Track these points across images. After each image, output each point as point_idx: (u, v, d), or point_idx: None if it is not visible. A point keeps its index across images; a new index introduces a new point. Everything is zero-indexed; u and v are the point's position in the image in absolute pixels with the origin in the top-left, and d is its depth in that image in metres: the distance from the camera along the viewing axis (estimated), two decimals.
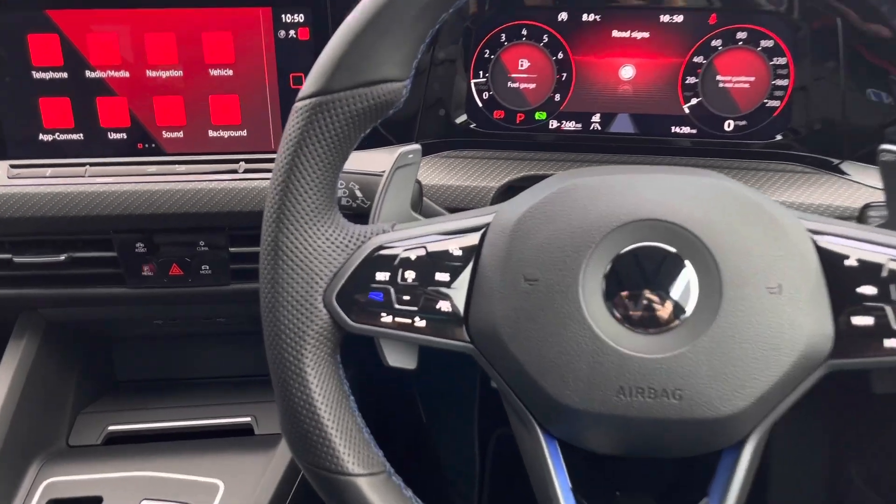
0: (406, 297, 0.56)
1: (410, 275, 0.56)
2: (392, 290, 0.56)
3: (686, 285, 0.51)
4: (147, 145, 0.90)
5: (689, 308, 0.50)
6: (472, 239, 0.56)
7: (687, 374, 0.49)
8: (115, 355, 1.14)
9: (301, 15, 0.86)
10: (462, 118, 0.94)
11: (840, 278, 0.51)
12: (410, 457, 1.16)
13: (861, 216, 0.74)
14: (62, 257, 0.90)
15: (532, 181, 0.91)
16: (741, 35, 0.87)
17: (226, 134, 0.89)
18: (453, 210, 0.85)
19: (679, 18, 0.88)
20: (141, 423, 1.02)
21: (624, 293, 0.51)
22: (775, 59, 0.87)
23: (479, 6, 0.91)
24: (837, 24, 0.83)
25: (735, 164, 0.89)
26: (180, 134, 0.89)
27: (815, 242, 0.52)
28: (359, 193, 0.71)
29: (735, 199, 0.53)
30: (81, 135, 0.89)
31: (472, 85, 0.93)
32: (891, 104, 0.87)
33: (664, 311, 0.50)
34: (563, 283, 0.51)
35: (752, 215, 0.52)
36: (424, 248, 0.57)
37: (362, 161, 0.87)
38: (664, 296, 0.51)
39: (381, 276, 0.57)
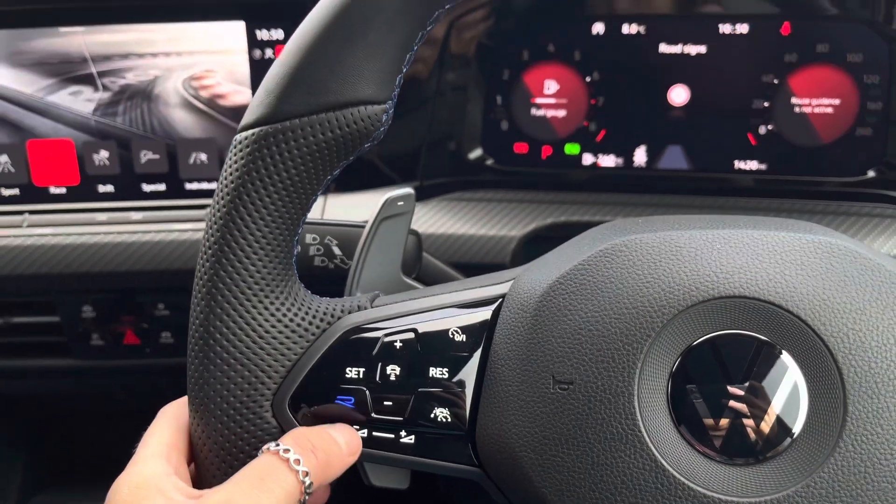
0: (388, 403, 0.44)
1: (394, 370, 0.44)
2: (368, 393, 0.44)
3: (791, 393, 0.39)
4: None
5: (797, 427, 0.39)
6: (481, 318, 0.44)
7: None
8: (71, 433, 1.04)
9: (279, 30, 0.73)
10: (476, 153, 0.83)
11: None
12: None
13: None
14: None
15: (564, 230, 0.79)
16: (822, 48, 0.75)
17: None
18: (463, 268, 0.71)
19: (744, 28, 0.76)
20: None
21: (699, 403, 0.39)
22: (865, 76, 0.74)
23: (495, 17, 0.79)
24: None
25: (814, 206, 0.76)
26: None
27: None
28: (337, 251, 0.56)
29: (856, 267, 0.41)
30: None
31: (489, 113, 0.81)
32: None
33: (760, 430, 0.39)
34: (609, 388, 0.40)
35: (882, 290, 0.40)
36: (414, 330, 0.44)
37: (349, 209, 0.74)
38: (759, 408, 0.39)
39: (354, 372, 0.44)
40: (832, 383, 0.38)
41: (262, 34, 0.74)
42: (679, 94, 0.78)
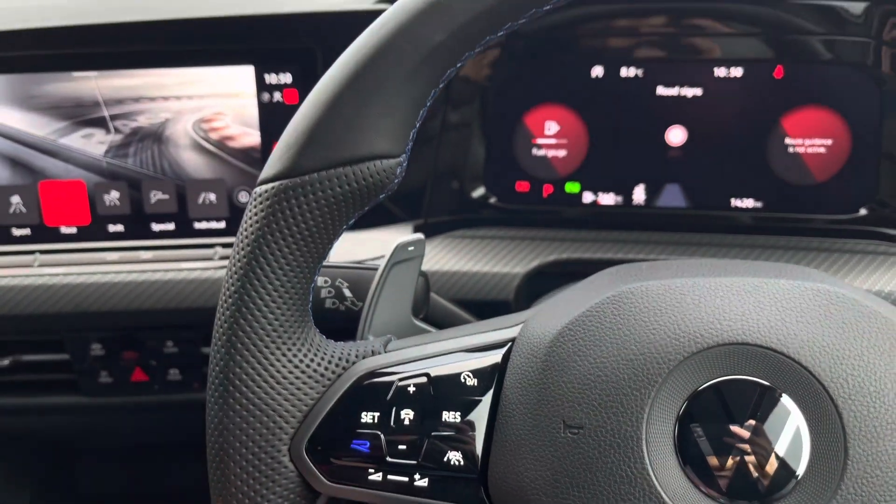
0: (402, 447, 0.44)
1: (408, 414, 0.44)
2: (383, 437, 0.44)
3: (794, 436, 0.39)
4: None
5: (801, 469, 0.39)
6: (491, 361, 0.45)
7: None
8: (77, 469, 1.02)
9: (287, 74, 0.74)
10: (480, 192, 0.84)
11: None
12: None
13: None
14: (6, 361, 0.80)
15: (566, 267, 0.79)
16: (814, 90, 0.76)
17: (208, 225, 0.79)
18: (468, 305, 0.71)
19: (738, 72, 0.77)
20: None
21: (705, 447, 0.40)
22: (857, 118, 0.75)
23: (496, 60, 0.79)
24: None
25: (808, 243, 0.77)
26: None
27: None
28: (348, 293, 0.57)
29: (853, 314, 0.41)
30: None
31: (491, 153, 0.82)
32: None
33: (765, 473, 0.39)
34: (618, 432, 0.40)
35: (879, 336, 0.41)
36: (427, 374, 0.45)
37: (355, 246, 0.74)
38: (763, 451, 0.39)
39: (369, 416, 0.45)
40: (833, 427, 0.38)
41: (271, 78, 0.75)
42: (676, 135, 0.78)
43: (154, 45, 0.75)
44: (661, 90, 0.78)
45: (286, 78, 0.75)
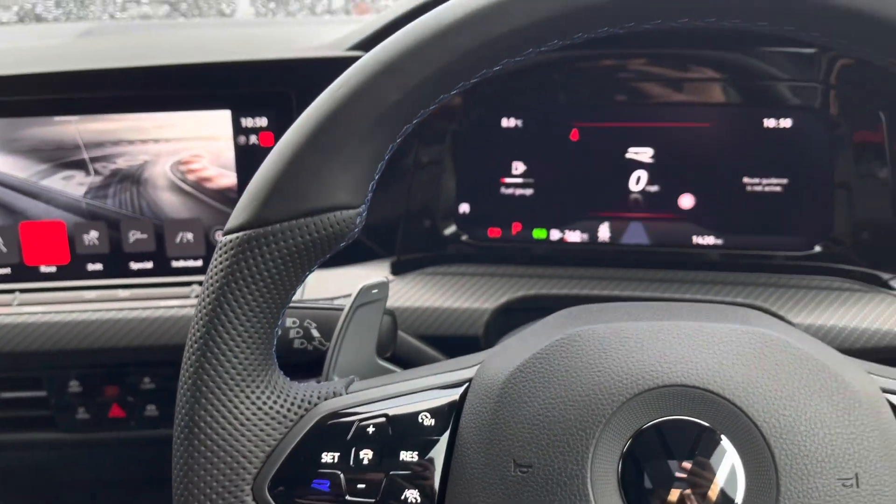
0: (361, 486, 0.45)
1: (367, 454, 0.46)
2: (343, 476, 0.45)
3: (730, 474, 0.41)
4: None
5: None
6: (448, 401, 0.46)
7: None
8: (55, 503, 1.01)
9: (263, 118, 0.76)
10: (451, 229, 0.86)
11: None
12: None
13: None
14: None
15: (534, 302, 0.82)
16: (770, 133, 0.78)
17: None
18: (439, 341, 0.73)
19: (698, 116, 0.80)
20: None
21: (647, 485, 0.41)
22: (811, 159, 0.78)
23: (464, 106, 0.81)
24: (881, 118, 0.72)
25: (767, 279, 0.79)
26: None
27: (894, 409, 0.43)
28: (316, 333, 0.59)
29: (786, 356, 0.43)
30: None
31: (461, 192, 0.85)
32: None
33: None
34: (565, 471, 0.41)
35: (810, 377, 0.42)
36: (386, 415, 0.46)
37: (326, 282, 0.76)
38: (702, 488, 0.41)
39: (329, 456, 0.46)
40: (766, 465, 0.40)
41: (247, 122, 0.77)
42: (640, 178, 0.80)
43: (134, 91, 0.77)
44: (625, 134, 0.80)
45: (262, 121, 0.78)
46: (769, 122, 0.77)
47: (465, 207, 0.84)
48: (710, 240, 0.81)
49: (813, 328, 0.73)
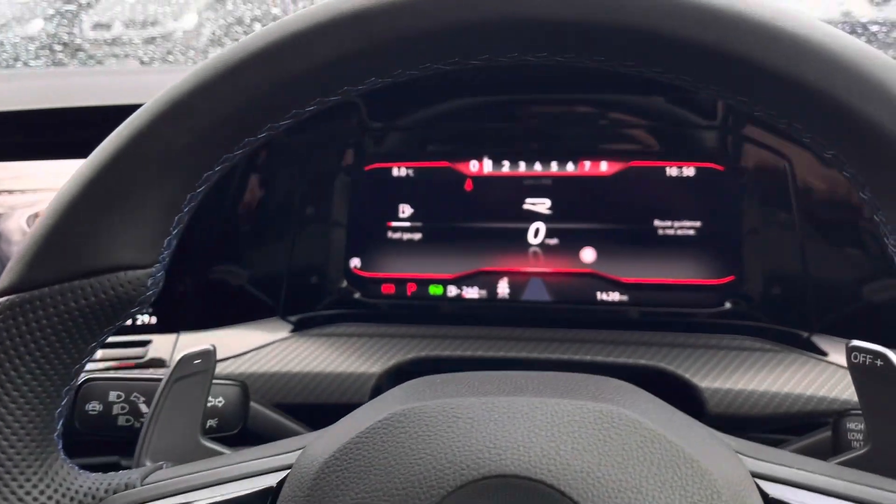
0: None
1: None
2: None
3: None
4: None
5: None
6: (264, 485, 0.40)
7: None
8: None
9: None
10: (343, 285, 0.80)
11: None
12: None
13: (836, 428, 0.56)
14: None
15: (425, 365, 0.75)
16: (679, 182, 0.74)
17: None
18: (319, 409, 0.67)
19: (602, 167, 0.75)
20: None
21: None
22: (715, 217, 0.74)
23: (354, 154, 0.76)
24: (786, 169, 0.69)
25: (674, 338, 0.73)
26: None
27: (765, 497, 0.37)
28: (144, 408, 0.52)
29: (636, 439, 0.37)
30: None
31: (350, 246, 0.79)
32: (858, 255, 0.71)
33: None
34: None
35: (662, 465, 0.37)
36: None
37: (230, 343, 0.70)
38: None
39: None
40: None
41: None
42: (539, 230, 0.76)
43: None
44: (521, 184, 0.76)
45: None
46: (671, 171, 0.73)
47: (355, 262, 0.79)
48: (614, 296, 0.75)
49: (720, 392, 0.68)
